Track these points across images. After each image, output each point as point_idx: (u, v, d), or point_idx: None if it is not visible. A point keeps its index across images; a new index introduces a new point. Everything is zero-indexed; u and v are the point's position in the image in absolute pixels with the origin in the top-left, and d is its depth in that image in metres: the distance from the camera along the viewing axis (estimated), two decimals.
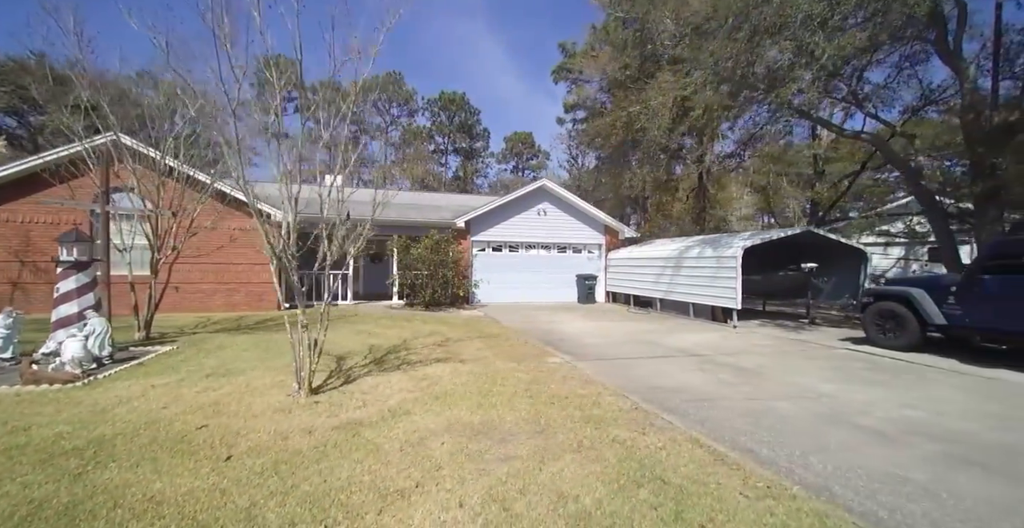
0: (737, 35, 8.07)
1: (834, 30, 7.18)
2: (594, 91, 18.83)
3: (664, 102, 12.47)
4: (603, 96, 21.46)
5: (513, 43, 66.62)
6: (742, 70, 8.47)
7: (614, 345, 7.45)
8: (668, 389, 4.83)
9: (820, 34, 7.19)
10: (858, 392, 4.84)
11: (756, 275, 11.26)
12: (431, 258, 12.59)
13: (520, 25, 67.05)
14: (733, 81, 9.12)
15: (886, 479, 2.84)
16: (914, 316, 6.71)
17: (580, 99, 20.79)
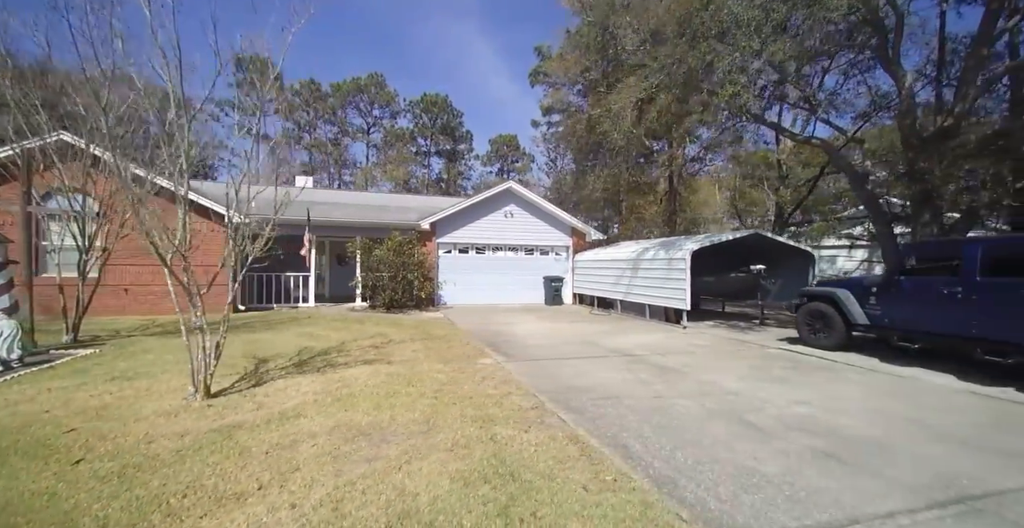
0: (679, 40, 8.22)
1: (769, 35, 7.36)
2: (566, 95, 19.02)
3: (625, 106, 12.63)
4: (578, 99, 21.70)
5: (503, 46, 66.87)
6: (687, 75, 8.63)
7: (556, 346, 7.52)
8: (582, 388, 4.90)
9: (755, 39, 7.37)
10: (765, 390, 4.97)
11: (710, 277, 11.48)
12: (394, 260, 12.56)
13: (510, 28, 67.35)
14: (683, 85, 9.28)
15: (738, 472, 2.93)
16: (840, 316, 6.91)
17: (554, 102, 20.95)
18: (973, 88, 8.52)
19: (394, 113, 42.92)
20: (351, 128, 42.12)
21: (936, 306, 5.76)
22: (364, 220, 13.74)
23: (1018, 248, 5.20)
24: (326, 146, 40.58)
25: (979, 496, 2.67)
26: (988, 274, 5.34)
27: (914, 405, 4.49)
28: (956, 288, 5.55)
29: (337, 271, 17.11)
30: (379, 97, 41.85)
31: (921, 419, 4.08)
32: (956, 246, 5.71)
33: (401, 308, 12.68)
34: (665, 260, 10.56)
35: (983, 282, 5.35)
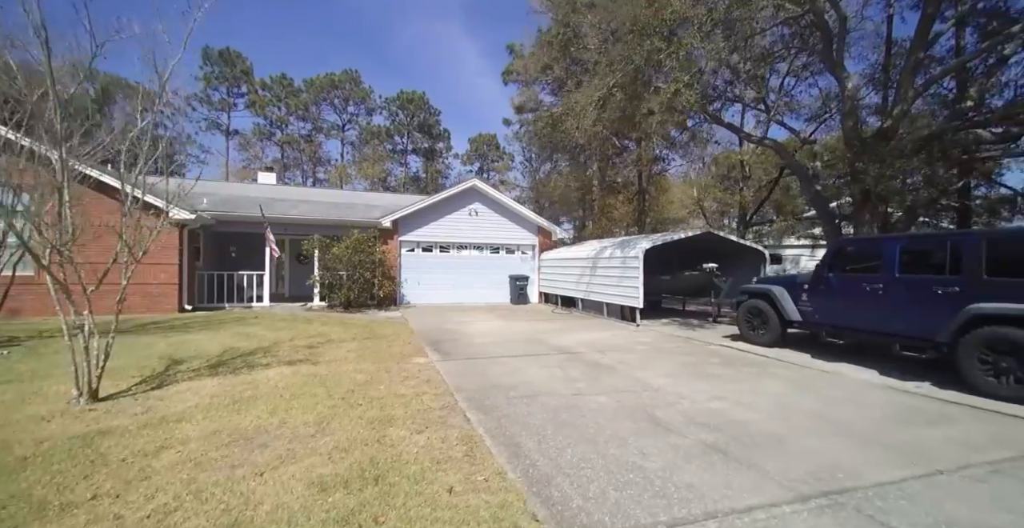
0: (627, 37, 8.24)
1: (709, 33, 7.43)
2: (536, 93, 19.01)
3: (587, 104, 12.64)
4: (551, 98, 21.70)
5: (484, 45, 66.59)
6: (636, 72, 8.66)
7: (501, 344, 7.45)
8: (506, 386, 4.83)
9: (697, 36, 7.43)
10: (688, 386, 4.98)
11: (666, 275, 11.59)
12: (352, 258, 12.32)
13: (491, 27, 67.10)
14: (632, 84, 9.32)
15: (619, 468, 2.89)
16: (776, 313, 7.01)
17: (525, 101, 20.91)
18: (911, 90, 8.78)
19: (370, 110, 42.35)
20: (325, 125, 41.34)
21: (860, 302, 5.89)
22: (322, 217, 13.44)
23: (931, 245, 5.34)
24: (299, 142, 39.73)
25: (847, 490, 2.69)
26: (906, 271, 5.48)
27: (827, 400, 4.56)
28: (877, 285, 5.68)
29: (297, 270, 16.71)
30: (354, 94, 41.20)
31: (828, 413, 4.14)
32: (877, 244, 5.84)
33: (360, 307, 12.45)
34: (620, 259, 10.61)
35: (901, 279, 5.48)
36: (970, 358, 4.69)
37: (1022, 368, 4.36)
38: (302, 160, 42.12)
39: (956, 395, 4.70)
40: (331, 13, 58.87)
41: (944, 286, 5.02)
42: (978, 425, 3.86)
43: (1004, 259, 4.73)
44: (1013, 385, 4.41)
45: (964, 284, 4.87)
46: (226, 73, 41.18)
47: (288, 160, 42.63)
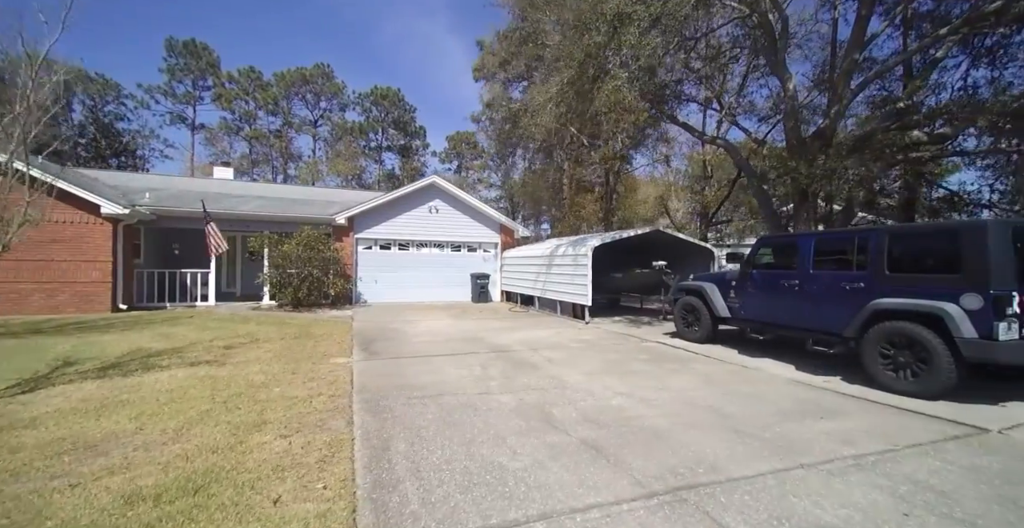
0: (570, 33, 8.19)
1: (647, 29, 7.41)
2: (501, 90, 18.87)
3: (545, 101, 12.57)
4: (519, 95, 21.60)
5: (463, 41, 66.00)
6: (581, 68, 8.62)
7: (438, 343, 7.31)
8: (415, 386, 4.70)
9: (635, 34, 7.42)
10: (601, 382, 4.94)
11: (618, 273, 11.62)
12: (303, 255, 11.98)
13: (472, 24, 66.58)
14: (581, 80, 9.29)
15: (479, 470, 2.80)
16: (707, 309, 7.06)
17: (494, 98, 20.72)
18: (847, 91, 8.97)
19: (343, 106, 41.52)
20: (296, 120, 40.37)
21: (779, 298, 5.96)
22: (273, 213, 13.04)
23: (841, 242, 5.43)
24: (268, 138, 38.69)
25: (698, 485, 2.65)
26: (818, 267, 5.56)
27: (732, 395, 4.57)
28: (794, 281, 5.76)
29: (251, 268, 16.21)
30: (326, 89, 40.34)
31: (726, 408, 4.14)
32: (793, 240, 5.92)
33: (310, 307, 12.12)
34: (572, 256, 10.59)
35: (815, 275, 5.56)
36: (872, 352, 4.77)
37: (918, 362, 4.45)
38: (272, 156, 41.05)
39: (859, 389, 4.78)
40: (304, 3, 57.53)
41: (851, 282, 5.11)
42: (866, 419, 3.91)
43: (905, 254, 4.83)
44: (910, 379, 4.50)
45: (869, 280, 4.96)
46: (191, 65, 39.78)
47: (257, 156, 41.50)
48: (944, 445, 3.33)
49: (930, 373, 4.31)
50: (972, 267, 4.19)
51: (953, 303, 4.23)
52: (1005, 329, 3.99)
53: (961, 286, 4.23)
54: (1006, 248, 4.11)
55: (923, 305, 4.39)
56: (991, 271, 4.07)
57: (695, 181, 20.05)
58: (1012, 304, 4.00)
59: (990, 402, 4.32)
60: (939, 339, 4.25)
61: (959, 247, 4.30)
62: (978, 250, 4.16)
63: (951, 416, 3.94)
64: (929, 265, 4.66)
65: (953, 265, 4.34)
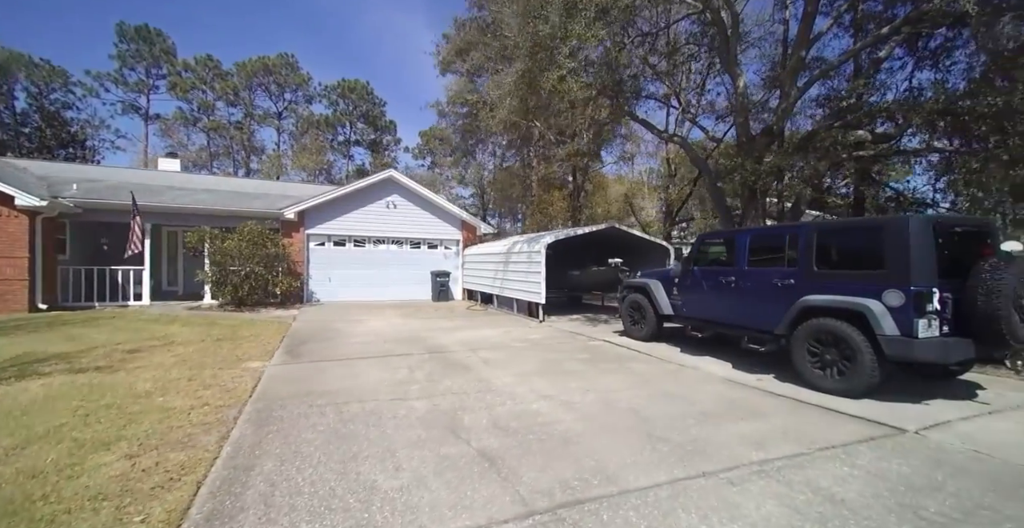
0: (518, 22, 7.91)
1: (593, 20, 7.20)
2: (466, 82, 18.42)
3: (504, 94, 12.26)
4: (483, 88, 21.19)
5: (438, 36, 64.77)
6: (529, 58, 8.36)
7: (374, 344, 6.92)
8: (326, 392, 4.33)
9: (581, 23, 7.20)
10: (528, 384, 4.69)
11: (576, 270, 11.47)
12: (246, 252, 11.31)
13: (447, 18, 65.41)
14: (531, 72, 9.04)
15: (346, 491, 2.49)
16: (651, 307, 6.93)
17: (460, 90, 20.23)
18: (794, 89, 9.02)
19: (308, 98, 40.11)
20: (258, 112, 38.75)
21: (717, 295, 5.86)
22: (215, 207, 12.29)
23: (774, 238, 5.34)
24: (227, 129, 36.99)
25: (587, 500, 2.41)
26: (753, 264, 5.47)
27: (659, 395, 4.39)
28: (730, 277, 5.65)
29: (193, 265, 15.30)
30: (291, 80, 38.86)
31: (647, 410, 3.94)
32: (731, 237, 5.82)
33: (255, 306, 11.48)
34: (527, 254, 10.35)
35: (749, 272, 5.47)
36: (800, 350, 4.69)
37: (843, 360, 4.38)
38: (233, 149, 39.29)
39: (789, 388, 4.68)
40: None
41: (782, 278, 5.02)
42: (786, 419, 3.78)
43: (833, 251, 4.76)
44: (836, 378, 4.43)
45: (799, 276, 4.88)
46: (144, 52, 37.64)
47: (218, 148, 39.65)
48: (857, 447, 3.22)
49: (854, 371, 4.24)
50: (894, 263, 4.13)
51: (876, 300, 4.17)
52: (925, 326, 3.94)
53: (884, 282, 4.17)
54: (927, 244, 4.06)
55: (847, 302, 4.31)
56: (912, 267, 4.01)
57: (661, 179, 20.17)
58: (932, 301, 3.95)
59: (915, 400, 4.28)
60: (862, 336, 4.18)
61: (883, 243, 4.24)
62: (900, 246, 4.10)
63: (872, 415, 3.86)
64: (856, 261, 4.60)
65: (877, 261, 4.28)
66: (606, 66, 9.26)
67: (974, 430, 3.56)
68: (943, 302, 4.02)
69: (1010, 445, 3.26)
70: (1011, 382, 4.98)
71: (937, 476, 2.76)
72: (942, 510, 2.37)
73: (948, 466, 2.90)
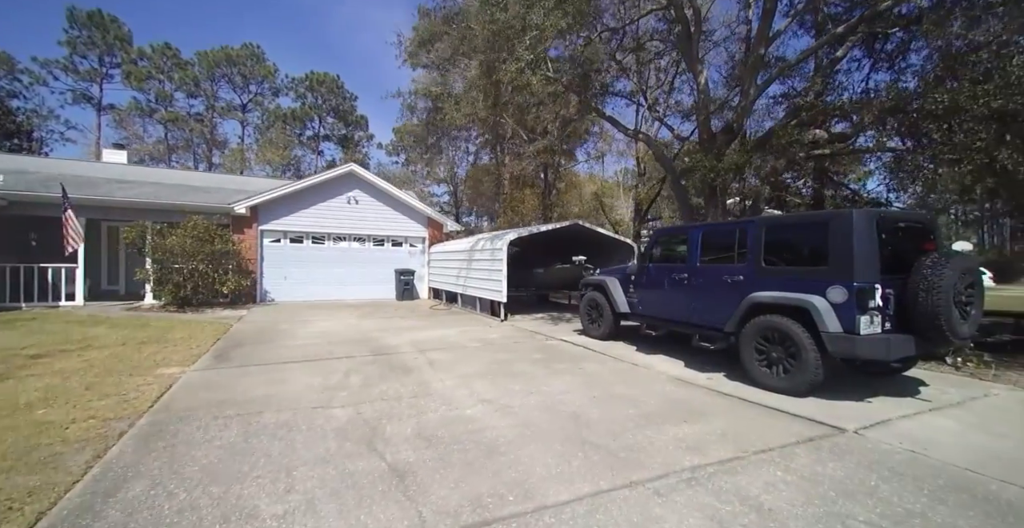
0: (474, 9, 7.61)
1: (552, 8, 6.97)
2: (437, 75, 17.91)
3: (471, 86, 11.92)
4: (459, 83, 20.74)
5: None
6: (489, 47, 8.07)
7: (316, 347, 6.48)
8: (238, 402, 3.93)
9: (540, 13, 6.96)
10: (470, 388, 4.41)
11: (540, 268, 11.27)
12: (192, 249, 10.60)
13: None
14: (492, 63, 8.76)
15: (215, 520, 2.14)
16: (609, 305, 6.76)
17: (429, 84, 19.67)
18: (753, 87, 9.04)
19: (275, 91, 38.57)
20: (220, 104, 37.04)
21: (671, 292, 5.73)
22: (155, 201, 11.48)
23: (725, 234, 5.24)
24: (186, 121, 35.21)
25: (496, 520, 2.16)
26: (705, 260, 5.35)
27: (605, 397, 4.19)
28: (683, 274, 5.53)
29: (135, 263, 14.37)
30: (256, 71, 37.26)
31: (589, 414, 3.73)
32: (685, 232, 5.70)
33: (201, 306, 10.78)
34: (489, 251, 10.07)
35: (701, 268, 5.35)
36: (748, 348, 4.58)
37: (789, 358, 4.28)
38: (194, 142, 37.44)
39: (736, 387, 4.57)
40: None
41: (732, 275, 4.91)
42: (728, 421, 3.63)
43: (781, 246, 4.67)
44: (781, 376, 4.33)
45: (748, 272, 4.77)
46: (96, 38, 35.44)
47: (178, 141, 37.69)
48: (795, 450, 3.08)
49: (799, 369, 4.15)
50: (838, 259, 4.05)
51: (820, 296, 4.08)
52: (867, 323, 3.86)
53: (829, 279, 4.08)
54: (871, 239, 3.99)
55: (792, 298, 4.21)
56: (855, 263, 3.93)
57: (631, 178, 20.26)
58: (875, 297, 3.88)
59: (858, 398, 4.22)
60: (807, 334, 4.09)
61: (827, 238, 4.15)
62: (843, 241, 4.02)
63: (814, 414, 3.76)
64: (803, 257, 4.53)
65: (823, 257, 4.20)
66: (571, 61, 9.07)
67: (914, 428, 3.49)
68: (885, 298, 3.96)
69: (947, 445, 3.19)
70: (954, 378, 5.03)
71: (871, 480, 2.63)
72: (871, 519, 2.22)
73: (884, 468, 2.79)
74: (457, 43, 8.81)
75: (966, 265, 3.95)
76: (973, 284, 4.04)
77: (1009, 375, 5.07)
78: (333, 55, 63.39)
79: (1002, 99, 4.88)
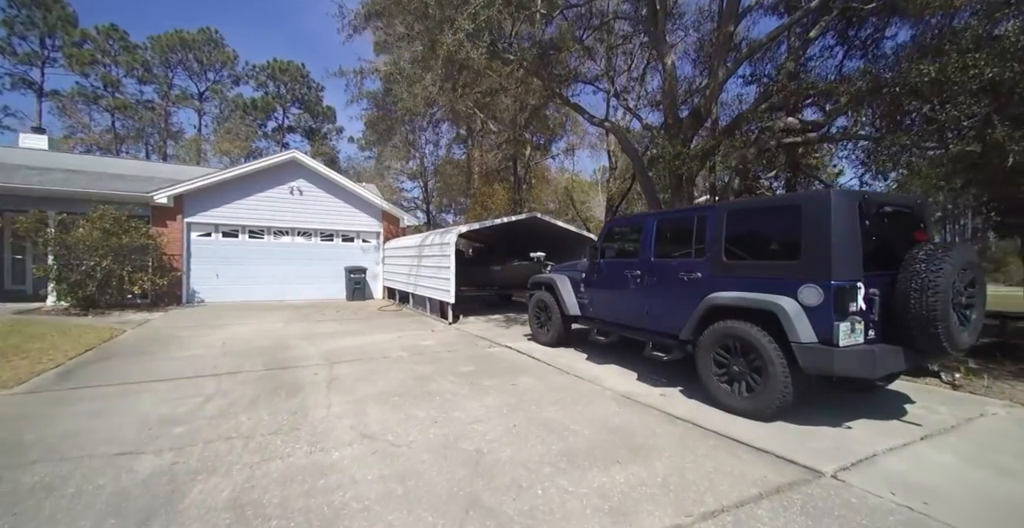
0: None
1: None
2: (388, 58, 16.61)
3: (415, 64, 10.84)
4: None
5: None
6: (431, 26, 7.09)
7: (206, 359, 5.41)
8: (17, 444, 2.86)
9: None
10: (361, 416, 3.46)
11: (497, 266, 10.36)
12: (105, 243, 9.25)
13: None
14: (433, 34, 7.76)
15: None
16: (558, 307, 5.89)
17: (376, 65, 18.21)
18: (722, 69, 8.30)
19: (235, 79, 36.43)
20: (175, 91, 34.75)
21: (623, 292, 4.88)
22: (60, 189, 10.04)
23: (682, 222, 4.41)
24: (135, 109, 32.86)
25: None
26: (660, 254, 4.52)
27: (526, 425, 3.29)
28: (635, 271, 4.68)
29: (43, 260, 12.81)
30: (214, 57, 35.08)
31: (495, 453, 2.83)
32: (639, 222, 4.85)
33: (110, 308, 9.46)
34: (438, 247, 9.09)
35: (655, 264, 4.51)
36: (706, 360, 3.76)
37: (753, 372, 3.47)
38: (146, 132, 35.02)
39: (694, 407, 3.75)
40: None
41: (689, 271, 4.08)
42: (675, 460, 2.78)
43: (744, 237, 3.86)
44: (744, 395, 3.52)
45: (706, 269, 3.95)
46: (36, 18, 32.71)
47: (128, 131, 35.18)
48: (756, 509, 2.24)
49: (765, 387, 3.34)
50: (812, 251, 3.25)
51: (790, 297, 3.28)
52: (847, 331, 3.07)
53: (801, 276, 3.28)
54: (852, 227, 3.20)
55: (755, 300, 3.40)
56: (833, 256, 3.13)
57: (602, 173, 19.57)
58: (857, 298, 3.10)
59: (833, 421, 3.45)
60: (774, 344, 3.28)
61: (799, 226, 3.35)
62: (818, 229, 3.22)
63: (782, 448, 2.95)
64: (771, 250, 3.72)
65: (793, 249, 3.40)
66: (530, 39, 8.17)
67: (905, 469, 2.71)
68: (869, 300, 3.18)
69: (950, 493, 2.41)
70: (942, 392, 4.34)
71: None
72: None
73: None
74: (410, 20, 7.78)
75: (966, 258, 3.20)
76: (974, 282, 3.30)
77: (1001, 387, 4.42)
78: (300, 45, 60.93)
79: (996, 69, 4.21)
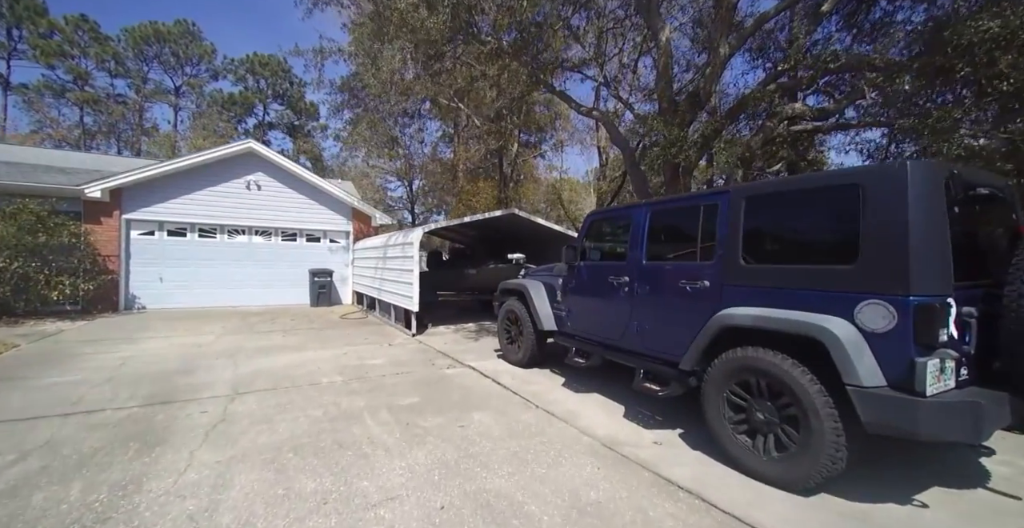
0: None
1: None
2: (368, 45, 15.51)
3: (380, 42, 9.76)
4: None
5: None
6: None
7: (83, 388, 4.27)
8: None
9: None
10: (198, 496, 2.35)
11: (472, 269, 9.27)
12: (19, 242, 8.03)
13: None
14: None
15: None
16: (530, 319, 4.81)
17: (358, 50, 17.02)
18: (724, 46, 7.32)
19: (214, 73, 35.00)
20: (148, 87, 33.23)
21: (606, 305, 3.83)
22: None
23: (684, 213, 3.36)
24: (106, 104, 31.32)
25: None
26: (654, 255, 3.47)
27: (463, 500, 2.21)
28: (623, 278, 3.62)
29: None
30: (191, 51, 33.63)
31: None
32: (627, 214, 3.79)
33: (26, 316, 8.22)
34: (401, 247, 7.99)
35: (648, 267, 3.46)
36: (717, 400, 2.71)
37: (784, 422, 2.42)
38: (118, 128, 33.44)
39: (698, 465, 2.70)
40: None
41: (692, 278, 3.03)
42: None
43: (770, 232, 2.82)
44: (772, 454, 2.46)
45: (716, 274, 2.90)
46: (2, 8, 31.10)
47: (100, 126, 33.58)
48: None
49: (804, 447, 2.29)
50: (878, 252, 2.21)
51: (845, 318, 2.24)
52: (935, 372, 2.03)
53: (859, 287, 2.24)
54: (938, 215, 2.17)
55: (790, 321, 2.35)
56: (912, 259, 2.10)
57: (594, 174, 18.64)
58: (948, 322, 2.06)
59: (898, 492, 2.42)
60: (818, 385, 2.24)
61: (858, 215, 2.31)
62: (888, 219, 2.18)
63: None
64: (812, 249, 2.66)
65: (848, 249, 2.35)
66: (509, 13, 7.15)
67: None
68: (962, 324, 2.15)
69: None
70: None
71: None
72: None
73: None
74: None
75: None
76: None
77: None
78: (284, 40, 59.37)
79: None
